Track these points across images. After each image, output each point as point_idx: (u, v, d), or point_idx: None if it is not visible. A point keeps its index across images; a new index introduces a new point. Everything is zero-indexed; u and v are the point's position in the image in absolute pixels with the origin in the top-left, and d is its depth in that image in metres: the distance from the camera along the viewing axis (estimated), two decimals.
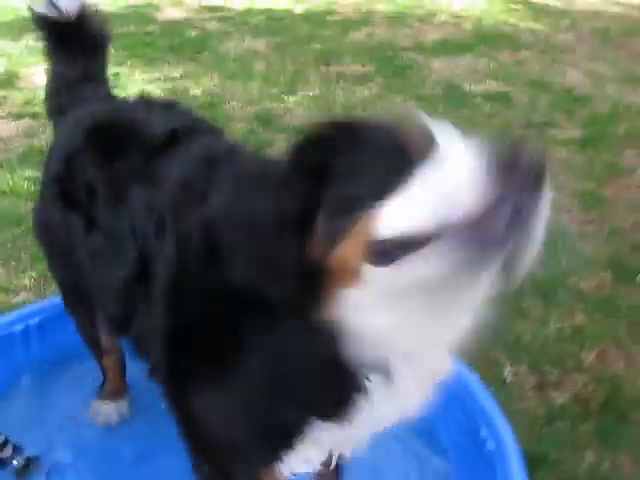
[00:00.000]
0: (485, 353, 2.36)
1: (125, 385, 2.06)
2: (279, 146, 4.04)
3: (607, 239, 3.22)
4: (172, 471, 1.64)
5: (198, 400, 1.28)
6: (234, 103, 4.67)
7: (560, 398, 2.23)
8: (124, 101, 1.88)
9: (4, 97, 4.80)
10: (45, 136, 3.84)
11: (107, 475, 1.78)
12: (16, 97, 4.78)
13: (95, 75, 1.93)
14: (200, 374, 1.25)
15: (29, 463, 1.75)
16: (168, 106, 1.71)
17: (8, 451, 1.76)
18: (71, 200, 1.60)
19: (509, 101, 5.00)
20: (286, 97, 4.83)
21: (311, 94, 4.91)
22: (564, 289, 2.79)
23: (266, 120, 4.40)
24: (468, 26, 7.11)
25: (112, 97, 1.93)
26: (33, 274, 2.73)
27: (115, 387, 2.04)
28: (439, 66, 5.75)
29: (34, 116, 4.31)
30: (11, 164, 3.74)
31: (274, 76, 5.23)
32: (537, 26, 7.27)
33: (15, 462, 1.75)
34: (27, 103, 4.60)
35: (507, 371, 2.34)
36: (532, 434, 2.08)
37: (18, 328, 2.03)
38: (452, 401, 1.75)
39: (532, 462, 1.83)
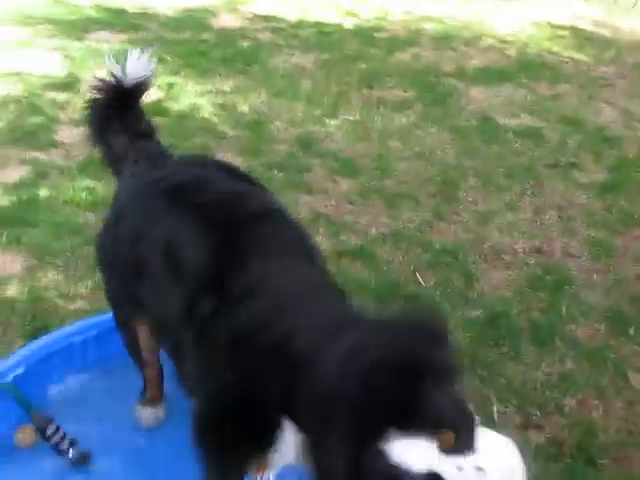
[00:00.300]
0: (478, 391, 2.66)
1: (162, 393, 2.38)
2: (315, 172, 4.37)
3: (610, 289, 3.46)
4: None
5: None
6: (278, 123, 4.94)
7: (538, 439, 2.52)
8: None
9: (66, 101, 4.92)
10: None
11: (149, 474, 2.12)
12: (78, 102, 4.78)
13: (149, 131, 2.26)
14: None
15: (82, 456, 2.11)
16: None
17: (66, 444, 2.12)
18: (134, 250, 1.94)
19: (540, 138, 5.21)
20: (327, 120, 5.09)
21: (351, 118, 5.18)
22: (560, 336, 3.07)
23: (307, 144, 4.67)
24: (512, 52, 7.28)
25: (166, 154, 2.23)
26: (89, 283, 3.04)
27: (153, 395, 2.35)
28: (478, 95, 5.97)
29: None
30: (72, 172, 4.00)
31: (318, 96, 5.49)
32: (580, 56, 7.40)
33: (70, 454, 2.11)
34: None
35: (495, 410, 2.62)
36: None
37: (78, 339, 2.40)
38: None
39: None
